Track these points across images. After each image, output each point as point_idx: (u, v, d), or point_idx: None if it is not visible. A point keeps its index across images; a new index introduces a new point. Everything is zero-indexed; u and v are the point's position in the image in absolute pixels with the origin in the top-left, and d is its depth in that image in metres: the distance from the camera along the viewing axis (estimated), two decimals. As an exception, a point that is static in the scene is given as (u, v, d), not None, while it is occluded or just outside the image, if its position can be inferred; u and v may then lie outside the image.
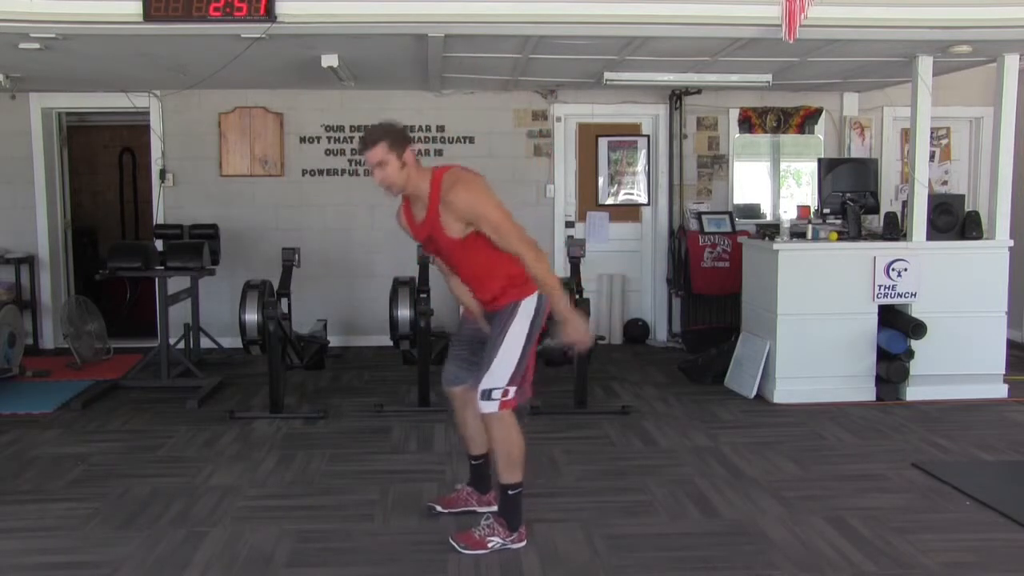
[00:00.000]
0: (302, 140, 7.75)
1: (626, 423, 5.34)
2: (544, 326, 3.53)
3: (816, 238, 5.89)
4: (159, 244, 7.11)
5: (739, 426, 5.27)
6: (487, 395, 3.40)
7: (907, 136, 7.04)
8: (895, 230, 5.97)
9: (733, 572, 3.30)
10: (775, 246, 5.76)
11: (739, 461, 4.58)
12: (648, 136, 7.95)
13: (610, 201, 8.01)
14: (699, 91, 7.59)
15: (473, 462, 3.85)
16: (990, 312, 5.84)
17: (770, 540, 3.56)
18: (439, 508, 3.84)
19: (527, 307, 3.43)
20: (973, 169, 8.21)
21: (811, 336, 5.73)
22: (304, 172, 7.76)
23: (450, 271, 3.65)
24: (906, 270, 5.72)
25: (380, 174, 3.35)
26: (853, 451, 4.78)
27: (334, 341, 7.38)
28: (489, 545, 3.42)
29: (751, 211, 8.05)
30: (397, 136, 3.36)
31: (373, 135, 3.35)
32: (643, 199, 8.01)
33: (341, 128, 7.75)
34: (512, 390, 3.41)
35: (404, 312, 5.84)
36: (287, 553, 3.44)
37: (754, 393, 5.87)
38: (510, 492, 3.49)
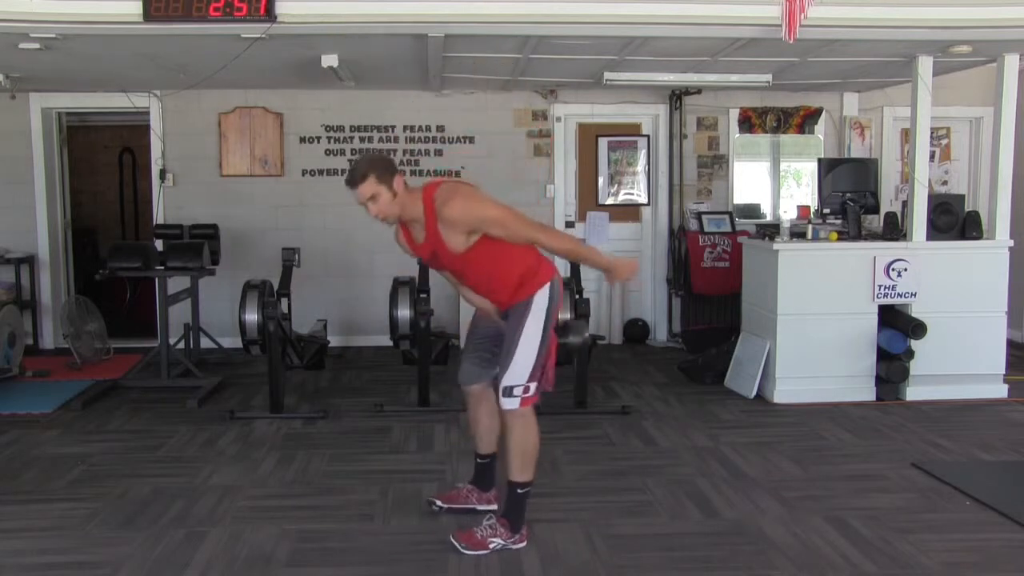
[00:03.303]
0: (302, 140, 7.75)
1: (626, 423, 5.34)
2: (556, 319, 3.53)
3: (816, 238, 5.89)
4: (159, 244, 7.11)
5: (739, 426, 5.27)
6: (508, 392, 3.40)
7: (907, 136, 7.05)
8: (895, 230, 5.98)
9: (733, 572, 3.30)
10: (775, 246, 5.76)
11: (739, 461, 4.58)
12: (648, 136, 7.95)
13: (610, 201, 8.01)
14: (699, 91, 7.59)
15: (479, 460, 3.85)
16: (990, 312, 5.84)
17: (770, 540, 3.56)
18: (439, 503, 3.84)
19: (539, 301, 3.43)
20: (973, 169, 8.21)
21: (811, 336, 5.73)
22: (304, 172, 7.77)
23: (459, 282, 3.65)
24: (906, 270, 5.72)
25: (374, 208, 3.31)
26: (853, 451, 4.78)
27: (334, 341, 7.38)
28: (490, 546, 3.42)
29: (751, 211, 8.05)
30: (383, 167, 3.31)
31: (359, 170, 3.30)
32: (643, 199, 8.01)
33: (341, 128, 7.75)
34: (532, 386, 3.42)
35: (404, 312, 5.84)
36: (287, 553, 3.44)
37: (754, 393, 5.87)
38: (519, 491, 3.48)
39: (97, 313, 7.11)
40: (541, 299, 3.43)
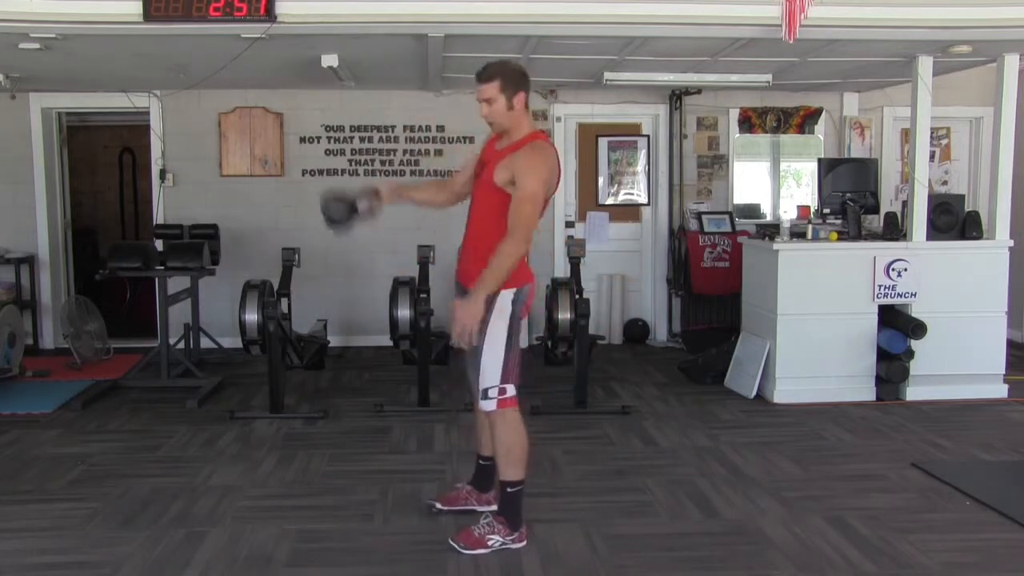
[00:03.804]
0: (302, 140, 7.75)
1: (626, 423, 5.34)
2: (520, 326, 3.51)
3: (816, 238, 5.89)
4: (159, 244, 7.11)
5: (739, 426, 5.27)
6: (484, 394, 3.43)
7: (907, 136, 7.05)
8: (895, 230, 5.97)
9: (733, 572, 3.30)
10: (775, 246, 5.76)
11: (739, 461, 4.58)
12: (648, 136, 7.95)
13: (610, 201, 8.01)
14: (699, 91, 7.59)
15: (481, 462, 3.85)
16: (990, 312, 5.84)
17: (770, 540, 3.56)
18: (439, 505, 3.84)
19: (504, 302, 3.40)
20: (973, 169, 8.21)
21: (811, 336, 5.73)
22: (304, 172, 7.76)
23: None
24: (906, 270, 5.72)
25: (486, 109, 3.43)
26: (853, 451, 4.78)
27: (334, 341, 7.38)
28: (489, 543, 3.42)
29: (751, 211, 8.05)
30: (511, 78, 3.40)
31: (489, 71, 3.41)
32: (643, 199, 8.01)
33: (341, 128, 7.75)
34: (509, 387, 3.42)
35: (404, 312, 5.84)
36: (287, 553, 3.44)
37: (754, 393, 5.87)
38: (509, 490, 3.49)
39: (97, 313, 7.11)
40: (506, 300, 3.40)
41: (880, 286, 5.73)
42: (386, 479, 4.30)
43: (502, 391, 3.41)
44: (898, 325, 5.72)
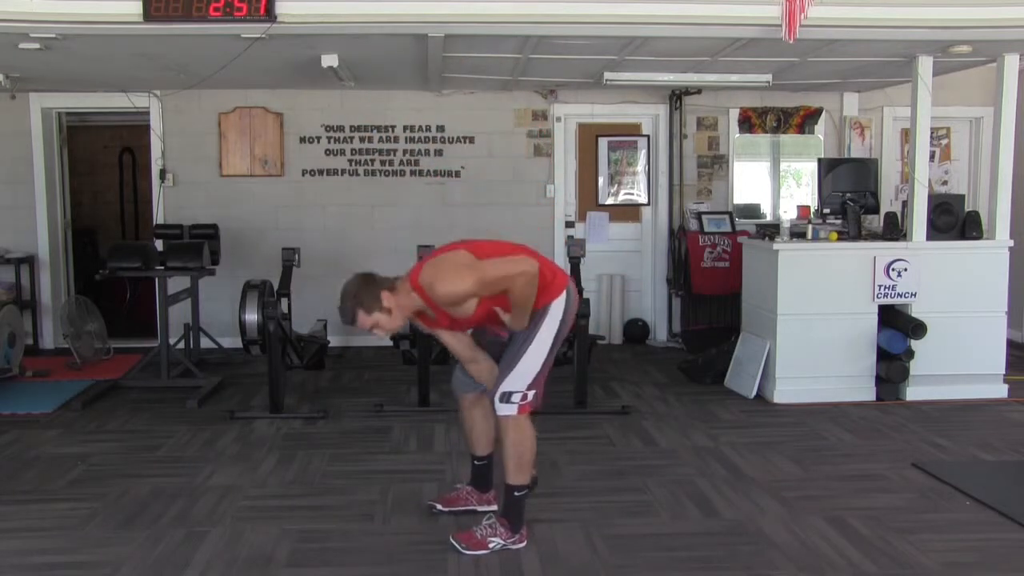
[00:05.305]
0: (302, 140, 7.75)
1: (626, 423, 5.34)
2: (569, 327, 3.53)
3: (816, 238, 5.89)
4: (159, 244, 7.11)
5: (739, 426, 5.27)
6: (507, 398, 3.39)
7: (907, 136, 7.05)
8: (895, 230, 5.97)
9: (733, 572, 3.30)
10: (775, 246, 5.76)
11: (739, 461, 4.58)
12: (648, 136, 7.95)
13: (610, 201, 8.01)
14: (699, 91, 7.59)
15: (476, 462, 3.85)
16: (990, 312, 5.84)
17: (770, 540, 3.56)
18: (439, 507, 3.84)
19: (555, 310, 3.42)
20: (973, 169, 8.21)
21: (811, 336, 5.73)
22: (304, 172, 7.76)
23: (471, 354, 3.60)
24: (906, 270, 5.72)
25: (381, 332, 3.40)
26: (853, 451, 4.78)
27: (334, 341, 7.38)
28: (490, 545, 3.42)
29: (751, 211, 8.05)
30: (365, 297, 3.30)
31: (346, 313, 3.34)
32: (643, 199, 8.01)
33: (341, 128, 7.75)
34: (531, 394, 3.41)
35: (404, 312, 5.82)
36: (287, 553, 3.44)
37: (754, 393, 5.87)
38: (516, 493, 3.48)
39: (97, 313, 7.11)
40: (557, 308, 3.42)
41: (880, 286, 5.73)
42: (386, 479, 4.30)
43: (525, 397, 3.40)
44: (898, 325, 5.72)
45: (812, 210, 6.49)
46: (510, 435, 3.44)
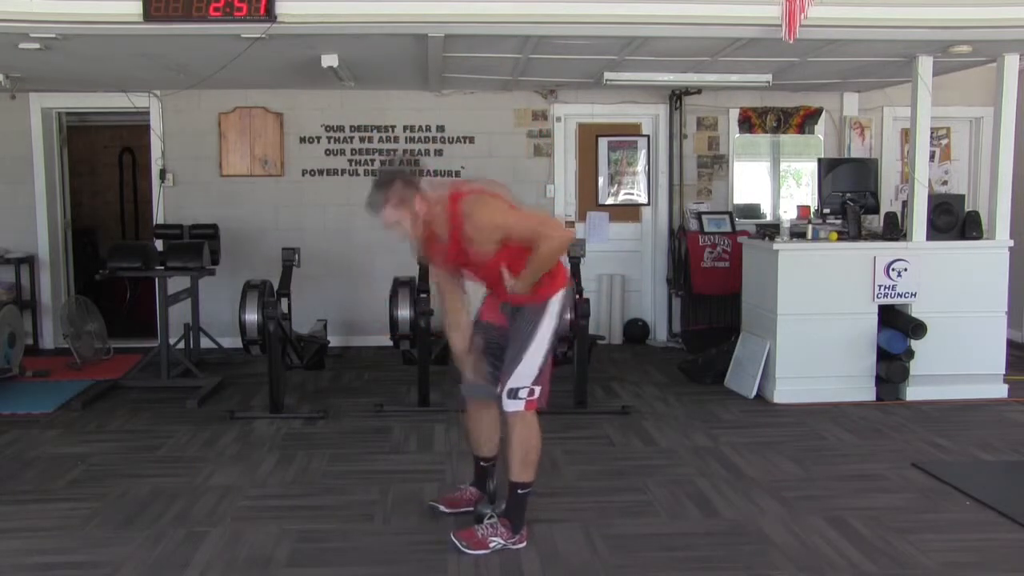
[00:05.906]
0: (302, 140, 7.75)
1: (626, 423, 5.34)
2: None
3: (816, 238, 5.89)
4: (159, 244, 7.11)
5: (739, 426, 5.27)
6: (514, 394, 3.40)
7: (907, 136, 7.05)
8: (895, 230, 5.97)
9: (733, 572, 3.30)
10: (775, 246, 5.76)
11: (739, 461, 4.58)
12: (648, 136, 7.95)
13: (610, 201, 8.01)
14: (699, 91, 7.59)
15: (481, 463, 3.84)
16: (990, 312, 5.84)
17: (770, 540, 3.56)
18: (443, 508, 3.84)
19: (554, 306, 3.45)
20: (973, 169, 8.21)
21: (811, 336, 5.73)
22: (304, 172, 7.77)
23: (451, 290, 3.60)
24: (906, 270, 5.72)
25: (400, 233, 3.35)
26: (853, 451, 4.78)
27: (334, 341, 7.38)
28: (490, 545, 3.42)
29: (751, 211, 8.05)
30: (400, 192, 3.28)
31: (376, 201, 3.30)
32: (643, 199, 8.01)
33: (341, 128, 7.75)
34: (538, 389, 3.42)
35: (404, 312, 5.84)
36: (287, 553, 3.44)
37: (754, 393, 5.87)
38: (520, 491, 3.49)
39: (97, 313, 7.11)
40: (555, 304, 3.45)
41: (880, 286, 5.73)
42: (386, 479, 4.30)
43: (531, 392, 3.41)
44: (898, 325, 5.72)
45: (812, 210, 6.50)
46: (516, 431, 3.45)
